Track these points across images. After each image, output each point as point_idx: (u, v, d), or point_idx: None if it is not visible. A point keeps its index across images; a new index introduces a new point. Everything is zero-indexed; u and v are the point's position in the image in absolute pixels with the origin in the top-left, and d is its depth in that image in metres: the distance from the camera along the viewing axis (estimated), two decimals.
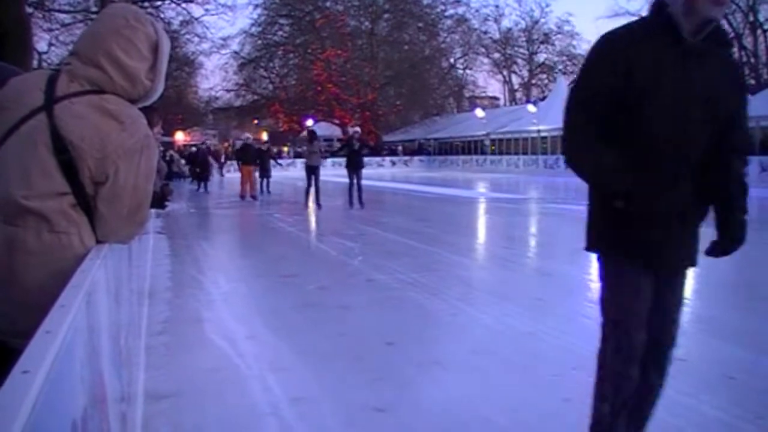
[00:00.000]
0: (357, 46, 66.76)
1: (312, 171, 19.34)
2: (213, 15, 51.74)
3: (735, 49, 55.81)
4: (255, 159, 24.89)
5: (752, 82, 52.22)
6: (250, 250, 13.02)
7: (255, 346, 5.88)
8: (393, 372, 5.10)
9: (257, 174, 25.43)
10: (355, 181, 18.82)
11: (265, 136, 55.73)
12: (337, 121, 65.78)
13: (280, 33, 67.90)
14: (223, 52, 62.36)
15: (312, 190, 19.38)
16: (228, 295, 8.14)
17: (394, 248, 11.70)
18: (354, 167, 18.87)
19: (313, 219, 18.21)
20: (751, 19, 55.53)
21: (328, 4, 67.30)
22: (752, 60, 56.11)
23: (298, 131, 63.94)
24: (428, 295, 7.71)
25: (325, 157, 20.25)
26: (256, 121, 68.62)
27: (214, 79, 72.42)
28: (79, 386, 1.50)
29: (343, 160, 20.81)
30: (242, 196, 23.65)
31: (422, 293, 7.82)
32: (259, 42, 66.28)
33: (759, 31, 55.81)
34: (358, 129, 20.38)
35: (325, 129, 66.87)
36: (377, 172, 51.06)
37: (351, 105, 64.58)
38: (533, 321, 6.45)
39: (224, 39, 60.31)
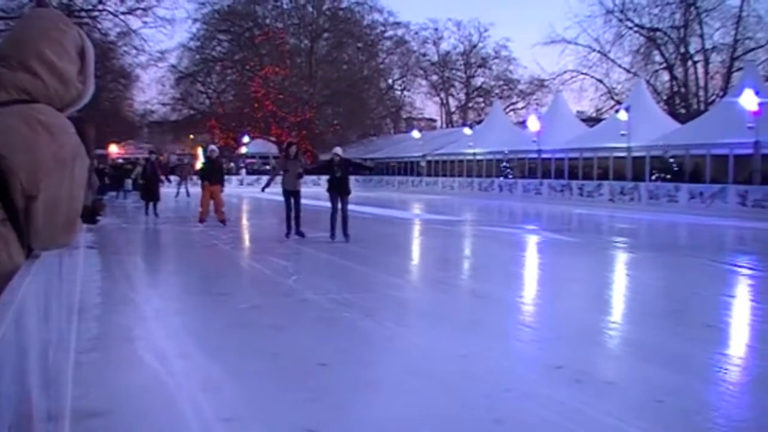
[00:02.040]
0: (296, 64, 66.65)
1: (291, 196, 15.72)
2: (151, 28, 50.96)
3: (667, 79, 57.60)
4: (221, 177, 20.07)
5: (683, 111, 53.66)
6: (183, 266, 12.86)
7: (186, 365, 5.80)
8: (326, 393, 5.07)
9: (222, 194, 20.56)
10: (339, 206, 15.28)
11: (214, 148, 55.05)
12: (273, 139, 65.49)
13: (219, 48, 67.44)
14: (161, 65, 61.51)
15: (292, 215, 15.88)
16: (160, 312, 8.02)
17: (329, 268, 11.69)
18: (338, 192, 15.36)
19: (247, 237, 18.08)
20: (683, 50, 57.15)
21: (267, 21, 67.15)
22: (683, 90, 57.70)
23: (235, 148, 63.49)
24: (362, 316, 7.70)
25: (300, 174, 15.71)
26: (191, 136, 67.92)
27: (151, 92, 71.38)
28: (6, 404, 1.47)
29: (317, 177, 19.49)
30: (201, 221, 19.04)
31: (356, 314, 7.81)
32: (197, 56, 65.69)
33: (690, 62, 57.44)
34: (338, 150, 15.96)
35: (261, 146, 66.59)
36: (313, 191, 50.92)
37: (288, 123, 64.29)
38: (466, 343, 6.49)
39: (162, 52, 59.46)
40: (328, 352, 6.15)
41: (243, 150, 64.93)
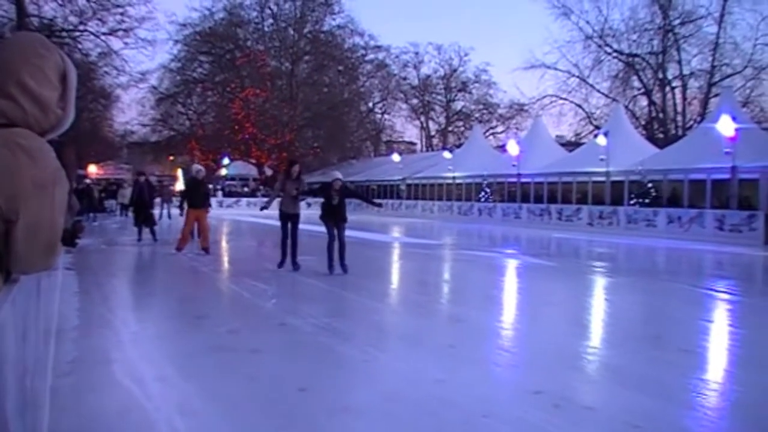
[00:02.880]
0: (277, 87, 66.76)
1: (288, 220, 14.20)
2: (133, 49, 50.89)
3: (645, 104, 58.17)
4: (207, 200, 18.27)
5: (661, 136, 54.17)
6: (161, 289, 12.80)
7: (164, 388, 5.77)
8: (304, 418, 5.06)
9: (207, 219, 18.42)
10: (335, 233, 13.76)
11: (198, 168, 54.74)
12: (253, 161, 65.44)
13: (200, 70, 67.47)
14: (141, 86, 61.42)
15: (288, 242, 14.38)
16: (138, 335, 7.98)
17: (308, 292, 11.67)
18: (334, 219, 13.86)
19: (227, 259, 18.02)
20: (660, 76, 57.79)
21: (249, 43, 67.28)
22: (661, 115, 58.30)
23: (214, 169, 63.38)
24: (341, 341, 7.69)
25: (300, 197, 14.24)
26: (171, 158, 67.75)
27: (131, 113, 71.26)
28: None
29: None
30: (180, 248, 17.27)
31: (335, 338, 7.80)
32: (178, 78, 65.69)
33: (668, 88, 58.09)
34: (339, 175, 14.23)
35: (242, 168, 66.53)
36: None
37: (268, 145, 64.32)
38: (445, 367, 6.49)
39: (143, 73, 59.37)
40: (307, 376, 6.14)
41: (223, 172, 64.87)
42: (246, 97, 63.51)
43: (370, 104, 76.05)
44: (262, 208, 15.22)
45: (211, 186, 62.96)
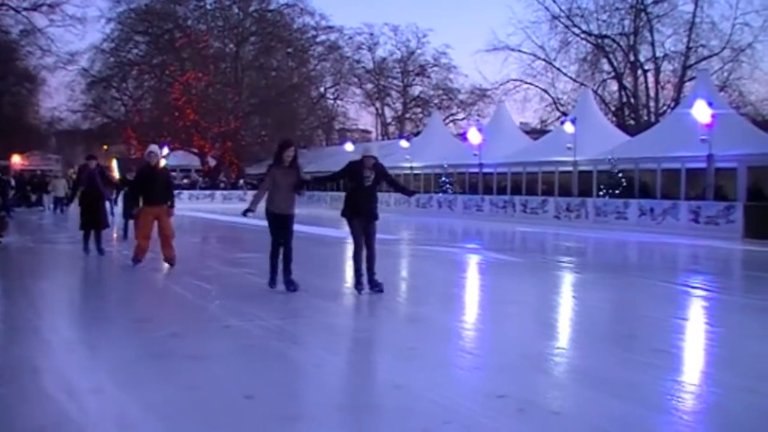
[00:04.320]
0: (220, 70, 66.24)
1: (280, 223, 11.33)
2: (60, 27, 50.19)
3: (615, 89, 58.73)
4: (170, 193, 14.61)
5: (632, 122, 54.72)
6: (95, 291, 12.66)
7: (100, 400, 5.71)
8: (252, 428, 5.06)
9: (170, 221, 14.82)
10: (363, 237, 11.10)
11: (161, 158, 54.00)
12: (195, 151, 64.90)
13: (136, 51, 66.60)
14: (70, 68, 60.63)
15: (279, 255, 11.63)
16: (69, 342, 7.88)
17: (255, 292, 11.60)
18: (362, 216, 11.05)
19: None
20: (632, 58, 58.39)
21: (189, 22, 66.60)
22: (632, 100, 58.92)
23: None
24: (291, 344, 7.68)
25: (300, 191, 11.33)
26: (106, 147, 66.88)
27: (59, 97, 70.39)
28: None
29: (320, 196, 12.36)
30: (137, 259, 14.33)
31: (285, 341, 7.79)
32: (112, 60, 64.74)
33: (639, 71, 58.69)
34: (373, 148, 11.77)
35: (182, 158, 65.91)
36: (239, 207, 50.56)
37: (212, 133, 63.87)
38: (403, 371, 6.51)
39: (72, 54, 58.66)
40: (254, 383, 6.12)
41: (162, 162, 64.23)
42: (187, 82, 62.94)
43: (322, 89, 75.81)
44: (246, 212, 11.33)
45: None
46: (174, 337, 8.03)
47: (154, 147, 15.02)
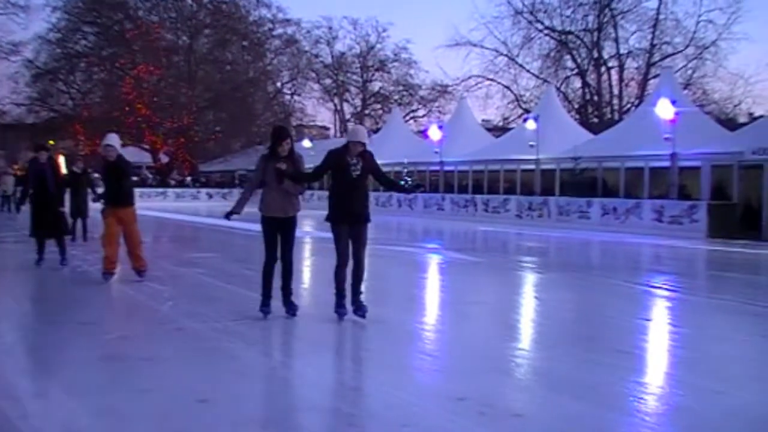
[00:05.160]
0: (173, 64, 65.77)
1: (279, 229, 9.37)
2: (1, 15, 49.40)
3: (578, 86, 59.20)
4: (129, 191, 12.46)
5: (595, 120, 55.20)
6: (40, 292, 12.50)
7: (45, 406, 5.66)
8: None
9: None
10: (347, 252, 9.29)
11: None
12: (147, 147, 64.36)
13: (84, 42, 65.79)
14: (13, 59, 59.72)
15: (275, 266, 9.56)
16: (12, 345, 7.78)
17: (209, 292, 11.56)
18: (349, 219, 9.25)
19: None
20: (596, 55, 58.89)
21: (140, 13, 65.97)
22: (596, 97, 59.43)
23: (103, 156, 61.92)
24: (245, 346, 7.65)
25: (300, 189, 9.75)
26: (52, 142, 65.97)
27: (2, 90, 69.08)
28: None
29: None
30: (109, 272, 12.28)
31: (239, 343, 7.76)
32: (58, 51, 63.90)
33: (603, 68, 59.20)
34: (361, 132, 9.64)
35: (134, 155, 65.22)
36: (192, 205, 50.36)
37: (164, 129, 63.38)
38: (361, 374, 6.53)
39: (15, 44, 57.81)
40: (208, 387, 6.08)
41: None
42: (138, 75, 62.39)
43: (279, 84, 75.57)
44: (229, 214, 9.59)
45: (97, 175, 60.90)
46: (124, 340, 7.98)
47: (112, 138, 12.46)
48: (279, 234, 9.36)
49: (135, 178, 60.31)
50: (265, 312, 9.18)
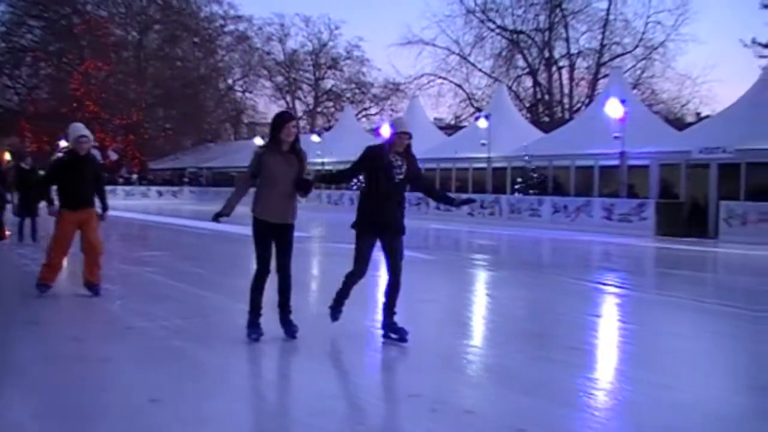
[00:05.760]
0: (122, 59, 65.20)
1: (275, 236, 8.04)
2: None
3: (530, 85, 59.66)
4: (101, 192, 10.92)
5: (546, 119, 55.70)
6: None
7: None
8: None
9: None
10: (366, 267, 8.59)
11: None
12: (95, 144, 63.54)
13: (30, 36, 64.99)
14: None
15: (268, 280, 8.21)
16: None
17: (159, 291, 11.47)
18: (384, 230, 8.39)
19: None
20: (547, 54, 59.42)
21: (89, 7, 65.32)
22: (546, 97, 59.97)
23: (49, 153, 61.20)
24: (196, 345, 7.61)
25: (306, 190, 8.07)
26: None
27: None
28: None
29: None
30: (45, 283, 10.56)
31: (190, 342, 7.72)
32: (3, 45, 63.03)
33: (554, 68, 59.77)
34: (402, 121, 8.45)
35: None
36: (142, 203, 49.90)
37: (113, 126, 62.73)
38: (313, 372, 6.50)
39: None
40: (159, 386, 6.05)
41: (60, 156, 62.75)
42: (86, 71, 61.74)
43: (230, 81, 75.38)
44: (217, 217, 8.06)
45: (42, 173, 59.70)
46: (73, 340, 7.88)
47: (83, 127, 10.83)
48: (274, 242, 8.01)
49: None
50: (257, 335, 7.78)
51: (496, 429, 5.28)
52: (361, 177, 8.42)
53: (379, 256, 7.88)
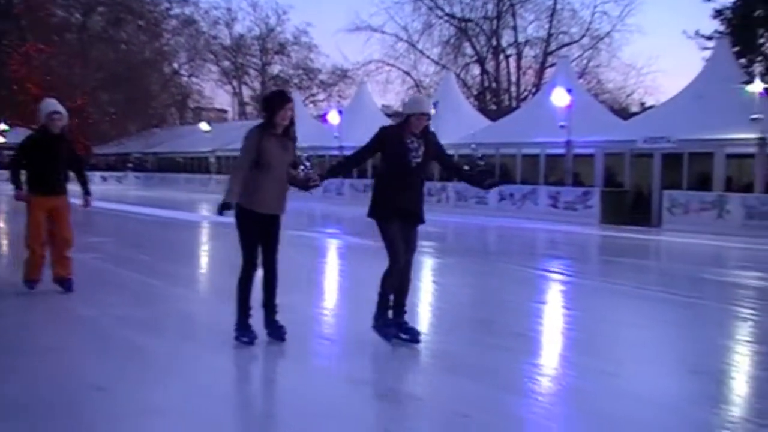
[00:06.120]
0: (65, 42, 64.05)
1: (265, 228, 7.35)
2: None
3: (477, 73, 59.95)
4: (81, 175, 10.19)
5: (494, 107, 56.04)
6: None
7: None
8: (106, 421, 5.00)
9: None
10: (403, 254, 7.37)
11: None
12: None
13: None
14: None
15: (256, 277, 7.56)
16: None
17: (105, 278, 11.39)
18: (403, 217, 7.46)
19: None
20: (495, 43, 59.72)
21: None
22: (494, 85, 60.30)
23: None
24: (144, 333, 7.58)
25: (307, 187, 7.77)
26: None
27: None
28: None
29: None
30: (32, 279, 9.79)
31: (137, 330, 7.67)
32: None
33: (502, 56, 60.10)
34: (424, 102, 7.75)
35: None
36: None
37: None
38: (260, 360, 6.53)
39: None
40: (106, 374, 6.02)
41: (0, 140, 61.67)
42: (27, 53, 60.52)
43: (176, 65, 74.51)
44: (222, 209, 7.09)
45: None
46: (19, 328, 7.81)
47: (56, 103, 9.94)
48: (265, 233, 7.35)
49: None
50: (250, 338, 7.01)
51: (441, 415, 5.36)
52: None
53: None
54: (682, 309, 10.26)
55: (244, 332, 7.03)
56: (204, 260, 15.43)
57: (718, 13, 36.64)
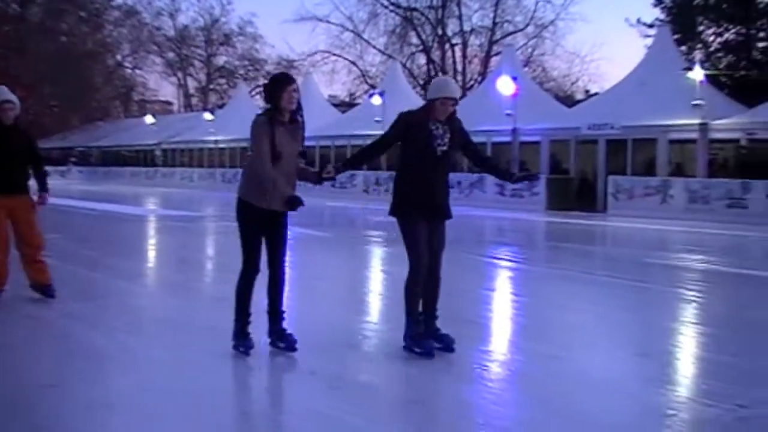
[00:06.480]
0: (2, 33, 62.91)
1: (270, 225, 6.82)
2: None
3: (423, 62, 60.05)
4: (39, 171, 9.11)
5: None
6: None
7: None
8: (53, 418, 4.94)
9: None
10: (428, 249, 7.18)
11: None
12: None
13: None
14: None
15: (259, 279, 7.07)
16: None
17: (52, 274, 11.19)
18: (428, 211, 7.03)
19: None
20: (440, 32, 59.88)
21: None
22: (440, 74, 60.42)
23: None
24: (90, 328, 7.50)
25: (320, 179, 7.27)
26: None
27: None
28: None
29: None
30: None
31: (83, 325, 7.60)
32: None
33: (447, 45, 60.29)
34: (450, 85, 6.83)
35: None
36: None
37: None
38: (210, 353, 6.48)
39: None
40: (55, 371, 5.97)
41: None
42: None
43: (119, 57, 73.64)
44: (294, 205, 6.74)
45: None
46: None
47: (5, 90, 8.64)
48: (265, 233, 6.85)
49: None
50: (246, 347, 6.42)
51: (393, 402, 5.39)
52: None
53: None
54: (628, 293, 10.42)
55: (240, 341, 6.45)
56: (150, 254, 15.31)
57: (659, 2, 37.30)
